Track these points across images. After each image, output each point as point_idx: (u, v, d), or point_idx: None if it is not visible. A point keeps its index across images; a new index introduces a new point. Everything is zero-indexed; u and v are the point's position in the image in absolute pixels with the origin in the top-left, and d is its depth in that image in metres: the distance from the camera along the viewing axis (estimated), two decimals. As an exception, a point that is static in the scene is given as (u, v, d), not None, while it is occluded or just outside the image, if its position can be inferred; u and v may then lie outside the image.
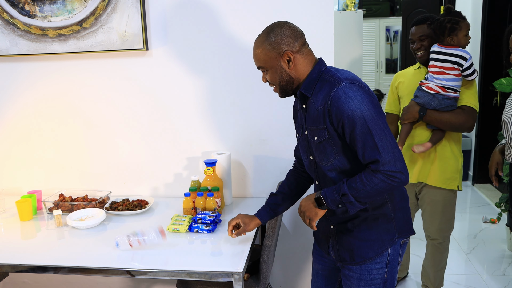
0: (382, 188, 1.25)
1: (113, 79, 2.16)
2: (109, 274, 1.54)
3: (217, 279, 1.47)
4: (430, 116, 2.00)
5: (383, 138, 1.24)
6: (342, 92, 1.26)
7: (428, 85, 2.00)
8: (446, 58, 1.97)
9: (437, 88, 1.98)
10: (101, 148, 2.24)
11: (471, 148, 4.60)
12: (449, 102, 1.98)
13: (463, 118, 1.98)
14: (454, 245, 3.21)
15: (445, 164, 2.11)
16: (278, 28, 1.38)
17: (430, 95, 1.99)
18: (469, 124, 2.00)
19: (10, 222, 1.96)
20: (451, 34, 1.96)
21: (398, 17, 7.04)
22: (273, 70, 1.37)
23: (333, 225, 1.46)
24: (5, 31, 2.12)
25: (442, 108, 1.98)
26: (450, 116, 1.98)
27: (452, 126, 2.00)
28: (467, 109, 2.00)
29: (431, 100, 1.99)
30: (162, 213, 1.99)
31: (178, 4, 2.05)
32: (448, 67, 1.96)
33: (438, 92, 1.98)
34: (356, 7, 3.40)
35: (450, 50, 1.97)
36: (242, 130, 2.14)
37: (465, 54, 1.95)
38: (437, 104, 1.98)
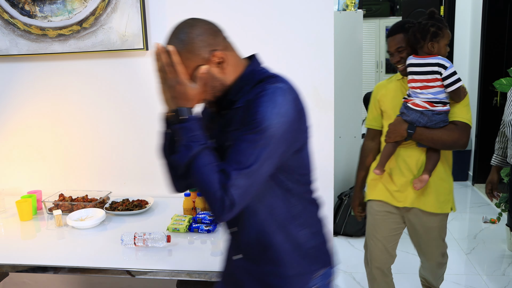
0: (204, 188, 1.04)
1: (113, 79, 2.16)
2: (109, 274, 1.54)
3: (217, 279, 1.47)
4: (420, 135, 1.79)
5: (261, 161, 1.01)
6: (271, 92, 1.03)
7: (414, 102, 1.79)
8: (425, 69, 1.75)
9: (425, 104, 1.77)
10: (101, 148, 2.24)
11: (471, 148, 4.60)
12: (440, 117, 1.78)
13: (457, 135, 1.78)
14: (454, 245, 3.21)
15: (439, 186, 1.91)
16: (189, 27, 1.11)
17: (418, 112, 1.78)
18: (463, 142, 1.80)
19: (10, 222, 1.96)
20: (433, 39, 1.75)
21: (398, 17, 7.03)
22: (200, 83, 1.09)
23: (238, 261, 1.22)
24: (5, 31, 2.12)
25: (433, 125, 1.78)
26: (442, 134, 1.78)
27: (445, 144, 1.81)
28: (461, 124, 1.80)
29: (419, 117, 1.78)
30: (162, 213, 1.99)
31: (178, 4, 2.05)
32: (430, 79, 1.75)
33: (426, 108, 1.77)
34: (356, 7, 3.40)
35: (428, 59, 1.75)
36: (242, 130, 2.14)
37: (444, 61, 1.75)
38: (427, 121, 1.78)
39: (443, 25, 1.78)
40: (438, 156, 1.85)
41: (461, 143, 1.80)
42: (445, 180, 1.92)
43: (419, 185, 1.83)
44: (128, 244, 1.62)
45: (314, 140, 2.11)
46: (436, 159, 1.85)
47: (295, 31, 2.01)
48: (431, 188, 1.90)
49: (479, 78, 4.36)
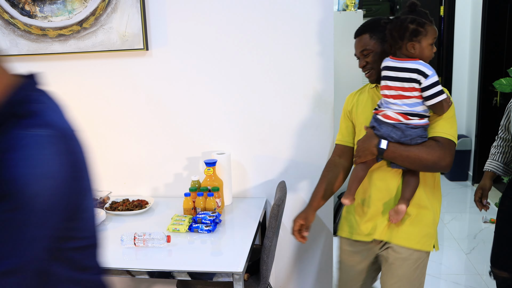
0: None
1: (113, 79, 2.16)
2: (109, 274, 1.54)
3: (217, 279, 1.47)
4: (393, 152, 1.44)
5: (29, 239, 0.69)
6: (27, 144, 0.70)
7: (385, 113, 1.46)
8: (402, 75, 1.41)
9: (397, 116, 1.43)
10: (101, 148, 2.24)
11: (471, 148, 4.60)
12: (417, 132, 1.43)
13: (438, 154, 1.42)
14: (454, 245, 3.21)
15: (419, 216, 1.55)
16: None
17: (390, 125, 1.44)
18: (446, 162, 1.43)
19: (10, 222, 1.96)
20: (413, 39, 1.39)
21: (398, 17, 7.02)
22: None
23: None
24: (5, 31, 2.12)
25: (408, 141, 1.44)
26: (419, 152, 1.42)
27: (423, 164, 1.44)
28: (443, 141, 1.44)
29: (392, 131, 1.44)
30: (162, 213, 1.99)
31: (178, 4, 2.05)
32: (406, 87, 1.40)
33: (398, 120, 1.43)
34: (356, 7, 3.40)
35: (406, 63, 1.40)
36: (242, 130, 2.14)
37: (425, 68, 1.38)
38: (401, 136, 1.43)
39: (427, 20, 1.42)
40: (417, 180, 1.50)
41: (444, 163, 1.43)
42: (426, 208, 1.56)
43: (395, 218, 1.49)
44: (128, 244, 1.62)
45: (314, 140, 2.12)
46: (415, 184, 1.50)
47: (295, 31, 2.01)
48: (407, 218, 1.55)
49: (479, 78, 4.36)
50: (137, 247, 1.63)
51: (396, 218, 1.49)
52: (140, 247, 1.62)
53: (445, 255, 3.09)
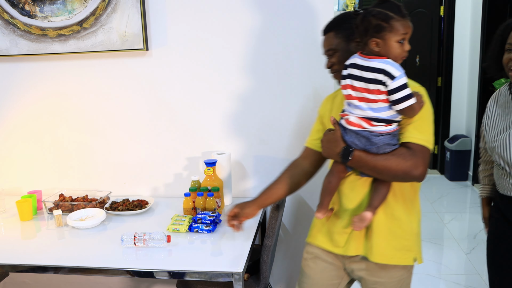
0: None
1: (113, 79, 2.16)
2: (109, 274, 1.54)
3: (217, 279, 1.47)
4: (359, 162, 1.29)
5: None
6: None
7: (347, 118, 1.30)
8: (367, 75, 1.24)
9: (360, 122, 1.27)
10: (101, 148, 2.25)
11: (471, 148, 4.60)
12: (383, 140, 1.26)
13: (409, 163, 1.25)
14: (454, 245, 3.21)
15: (394, 228, 1.39)
16: None
17: (353, 132, 1.29)
18: (419, 172, 1.25)
19: (10, 222, 1.96)
20: (375, 35, 1.22)
21: (398, 17, 7.01)
22: None
23: None
24: (5, 31, 2.12)
25: (374, 150, 1.27)
26: (388, 161, 1.26)
27: (393, 175, 1.28)
28: (415, 148, 1.27)
29: (355, 138, 1.28)
30: (162, 213, 1.99)
31: (178, 4, 2.05)
32: (371, 89, 1.23)
33: (361, 127, 1.27)
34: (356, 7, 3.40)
35: (373, 62, 1.23)
36: (242, 130, 2.14)
37: (393, 68, 1.20)
38: (366, 144, 1.27)
39: (397, 14, 1.22)
40: (387, 187, 1.34)
41: (416, 173, 1.26)
42: (401, 219, 1.40)
43: (358, 225, 1.33)
44: (128, 244, 1.62)
45: (314, 140, 2.11)
46: (384, 192, 1.35)
47: (295, 31, 2.01)
48: (382, 230, 1.39)
49: (479, 78, 4.36)
50: (137, 247, 1.63)
51: (359, 225, 1.32)
52: (140, 247, 1.62)
53: (445, 255, 3.09)
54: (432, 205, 4.05)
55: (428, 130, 1.30)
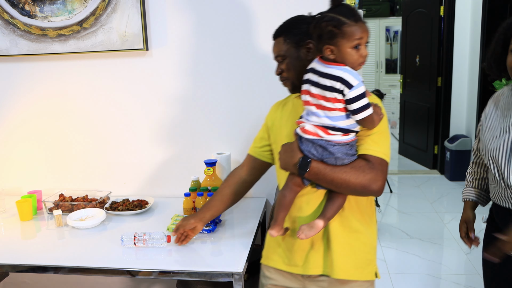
0: None
1: (113, 79, 2.16)
2: (109, 274, 1.54)
3: (217, 279, 1.47)
4: (317, 174, 1.21)
5: None
6: None
7: (303, 126, 1.23)
8: (324, 82, 1.17)
9: (316, 130, 1.20)
10: (101, 148, 2.25)
11: (471, 148, 4.60)
12: (341, 150, 1.20)
13: (368, 177, 1.19)
14: (454, 245, 3.21)
15: (353, 241, 1.33)
16: None
17: (309, 141, 1.22)
18: (377, 186, 1.20)
19: (10, 222, 1.96)
20: (329, 42, 1.16)
21: (398, 17, 7.05)
22: None
23: None
24: (5, 31, 2.12)
25: (332, 161, 1.21)
26: (346, 174, 1.20)
27: (351, 189, 1.22)
28: (374, 161, 1.21)
29: (311, 147, 1.21)
30: (162, 213, 1.99)
31: (178, 4, 2.05)
32: (328, 97, 1.17)
33: (317, 135, 1.20)
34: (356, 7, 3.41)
35: (331, 68, 1.17)
36: (242, 130, 2.14)
37: (351, 77, 1.15)
38: (323, 154, 1.20)
39: (350, 18, 1.15)
40: (342, 198, 1.27)
41: (375, 187, 1.20)
42: (359, 232, 1.34)
43: (306, 233, 1.24)
44: (128, 245, 1.62)
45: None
46: (339, 203, 1.27)
47: (295, 31, 2.01)
48: (341, 245, 1.31)
49: (479, 78, 4.37)
50: (137, 247, 1.63)
51: (307, 233, 1.24)
52: (140, 247, 1.62)
53: (445, 255, 3.09)
54: (432, 205, 4.05)
55: (385, 143, 1.25)
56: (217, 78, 2.11)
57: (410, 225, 3.60)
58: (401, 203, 4.16)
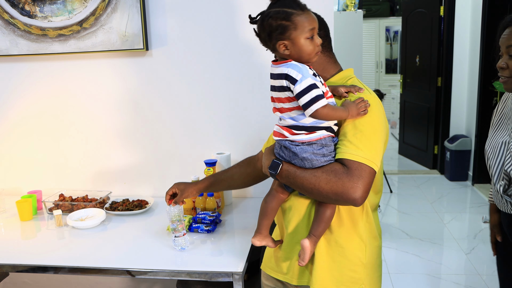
0: None
1: (113, 79, 2.16)
2: (109, 274, 1.54)
3: (217, 279, 1.47)
4: (287, 176, 1.14)
5: None
6: None
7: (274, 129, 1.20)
8: (275, 83, 1.15)
9: (281, 131, 1.16)
10: (101, 148, 2.25)
11: (471, 148, 4.60)
12: (307, 149, 1.11)
13: (341, 183, 1.06)
14: (454, 245, 3.21)
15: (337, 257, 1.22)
16: None
17: (277, 143, 1.18)
18: (356, 195, 1.05)
19: (10, 222, 1.96)
20: (281, 38, 1.11)
21: (398, 17, 7.06)
22: None
23: None
24: (5, 31, 2.12)
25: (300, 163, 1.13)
26: (316, 179, 1.09)
27: (323, 196, 1.10)
28: (352, 165, 1.08)
29: (280, 150, 1.17)
30: (162, 213, 1.99)
31: (178, 4, 2.05)
32: (283, 97, 1.14)
33: (282, 136, 1.15)
34: (356, 7, 3.40)
35: (277, 68, 1.14)
36: (242, 130, 2.14)
37: (293, 71, 1.09)
38: (290, 156, 1.14)
39: (295, 8, 1.11)
40: (330, 211, 1.17)
41: (352, 196, 1.05)
42: (344, 247, 1.21)
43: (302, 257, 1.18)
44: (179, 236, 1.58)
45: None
46: (326, 216, 1.17)
47: (295, 31, 2.01)
48: (324, 259, 1.22)
49: (479, 78, 4.37)
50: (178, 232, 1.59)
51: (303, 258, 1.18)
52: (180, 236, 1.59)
53: (445, 255, 3.09)
54: (432, 205, 4.05)
55: (370, 146, 1.10)
56: (217, 78, 2.11)
57: (410, 225, 3.60)
58: (401, 203, 4.16)
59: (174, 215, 1.54)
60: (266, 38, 1.15)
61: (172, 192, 1.60)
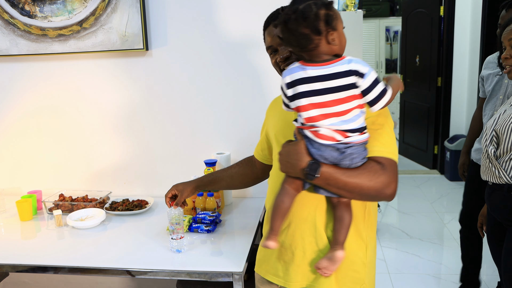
0: None
1: (113, 79, 2.16)
2: (109, 274, 1.54)
3: (217, 279, 1.47)
4: (328, 178, 1.08)
5: None
6: None
7: (316, 131, 1.08)
8: (336, 83, 1.03)
9: (332, 134, 1.07)
10: (101, 148, 2.25)
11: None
12: (359, 150, 1.09)
13: (381, 180, 1.08)
14: (454, 245, 3.21)
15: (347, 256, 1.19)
16: None
17: (323, 145, 1.08)
18: (391, 190, 1.10)
19: (10, 222, 1.96)
20: (330, 28, 1.04)
21: (398, 17, 7.05)
22: None
23: None
24: (5, 31, 2.12)
25: (347, 164, 1.09)
26: (361, 178, 1.08)
27: (364, 194, 1.10)
28: (386, 163, 1.10)
29: (325, 151, 1.08)
30: (162, 213, 1.99)
31: (178, 4, 2.05)
32: (344, 97, 1.04)
33: (334, 140, 1.07)
34: (356, 7, 3.40)
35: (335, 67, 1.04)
36: (242, 130, 2.14)
37: (360, 65, 1.03)
38: (338, 158, 1.08)
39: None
40: (351, 214, 1.16)
41: (389, 191, 1.09)
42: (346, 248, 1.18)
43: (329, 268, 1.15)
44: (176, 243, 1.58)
45: (314, 140, 2.11)
46: (348, 221, 1.16)
47: (295, 31, 2.01)
48: None
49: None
50: None
51: (331, 269, 1.15)
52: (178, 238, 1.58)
53: (445, 255, 3.09)
54: (432, 205, 4.05)
55: (392, 141, 1.14)
56: (217, 78, 2.11)
57: (410, 225, 3.60)
58: (401, 203, 4.16)
59: (173, 217, 1.54)
60: (312, 32, 1.03)
61: (171, 195, 1.59)
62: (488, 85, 2.30)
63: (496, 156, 1.63)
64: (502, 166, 1.61)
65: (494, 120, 1.66)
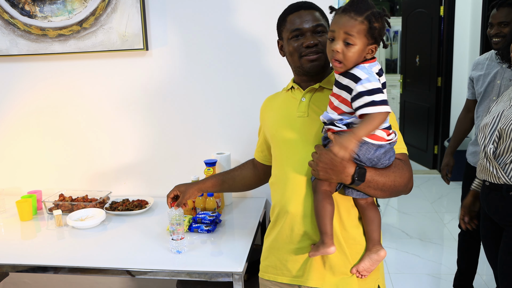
0: None
1: (113, 79, 2.16)
2: (109, 274, 1.54)
3: (217, 279, 1.47)
4: (370, 181, 1.10)
5: None
6: None
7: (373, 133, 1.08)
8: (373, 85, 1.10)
9: (383, 134, 1.10)
10: (101, 148, 2.25)
11: (471, 148, 4.60)
12: (393, 148, 1.13)
13: (407, 175, 1.15)
14: (453, 245, 3.21)
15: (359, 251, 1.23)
16: None
17: (374, 146, 1.09)
18: (412, 182, 1.18)
19: (10, 222, 1.96)
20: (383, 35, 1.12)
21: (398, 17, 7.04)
22: None
23: None
24: (5, 31, 2.12)
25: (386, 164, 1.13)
26: (395, 176, 1.13)
27: (396, 190, 1.15)
28: (405, 158, 1.19)
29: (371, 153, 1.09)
30: (162, 213, 1.99)
31: (178, 4, 2.05)
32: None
33: (384, 140, 1.10)
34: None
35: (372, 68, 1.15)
36: (242, 130, 2.14)
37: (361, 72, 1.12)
38: (380, 158, 1.11)
39: None
40: (379, 213, 1.22)
41: (411, 185, 1.18)
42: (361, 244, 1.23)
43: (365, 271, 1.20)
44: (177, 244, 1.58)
45: (314, 140, 2.11)
46: (379, 219, 1.21)
47: (295, 31, 2.01)
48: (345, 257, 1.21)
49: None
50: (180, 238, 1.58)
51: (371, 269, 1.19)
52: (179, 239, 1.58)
53: (445, 255, 3.09)
54: (432, 205, 4.05)
55: (400, 136, 1.20)
56: (217, 78, 2.11)
57: (410, 225, 3.60)
58: (401, 203, 4.16)
59: (173, 217, 1.54)
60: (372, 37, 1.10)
61: (173, 195, 1.59)
62: (480, 87, 2.28)
63: (495, 155, 1.62)
64: (501, 167, 1.60)
65: (493, 118, 1.63)
